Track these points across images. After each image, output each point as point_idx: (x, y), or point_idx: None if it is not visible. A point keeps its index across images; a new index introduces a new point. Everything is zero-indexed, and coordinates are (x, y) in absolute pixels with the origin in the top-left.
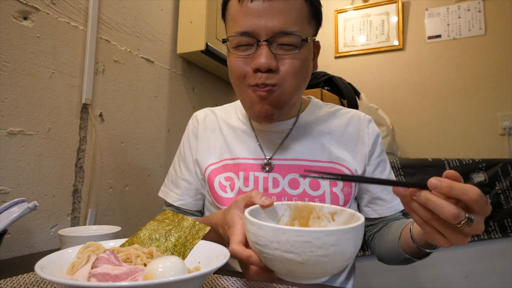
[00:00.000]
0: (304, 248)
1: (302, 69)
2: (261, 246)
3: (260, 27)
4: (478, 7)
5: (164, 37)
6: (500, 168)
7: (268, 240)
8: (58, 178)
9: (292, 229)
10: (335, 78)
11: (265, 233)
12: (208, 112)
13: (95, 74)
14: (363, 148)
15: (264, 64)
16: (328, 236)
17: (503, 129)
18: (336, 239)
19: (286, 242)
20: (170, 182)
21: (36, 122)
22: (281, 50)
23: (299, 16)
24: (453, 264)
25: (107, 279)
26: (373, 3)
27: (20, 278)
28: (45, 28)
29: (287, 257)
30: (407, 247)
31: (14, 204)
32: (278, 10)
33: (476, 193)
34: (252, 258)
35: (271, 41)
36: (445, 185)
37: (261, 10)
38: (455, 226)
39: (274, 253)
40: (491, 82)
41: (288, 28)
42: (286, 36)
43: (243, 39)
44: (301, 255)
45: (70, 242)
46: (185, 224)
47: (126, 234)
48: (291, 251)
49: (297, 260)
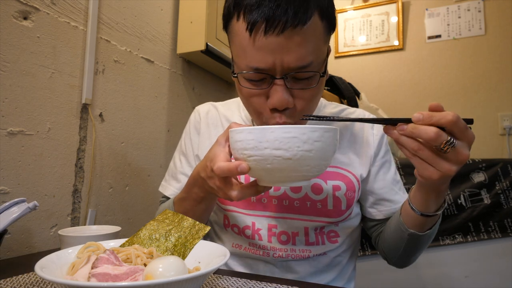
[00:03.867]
0: (291, 143)
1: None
2: (250, 149)
3: (276, 64)
4: (478, 7)
5: (164, 37)
6: (500, 168)
7: (258, 141)
8: (58, 178)
9: (279, 127)
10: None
11: (254, 135)
12: (211, 107)
13: (95, 74)
14: (368, 150)
15: (281, 104)
16: (312, 132)
17: (503, 129)
18: (319, 136)
19: (275, 139)
20: (169, 176)
21: (36, 122)
22: (297, 84)
23: (316, 42)
24: (453, 264)
25: (107, 279)
26: (373, 3)
27: (20, 278)
28: (45, 28)
29: (276, 154)
30: (408, 220)
31: (14, 204)
32: (295, 44)
33: (452, 115)
34: (241, 165)
35: (287, 76)
36: (427, 115)
37: (276, 45)
38: (441, 153)
39: (264, 152)
40: (491, 82)
41: (305, 62)
42: (302, 72)
43: (256, 75)
44: (288, 150)
45: (70, 242)
46: (185, 224)
47: (126, 234)
48: (279, 147)
49: (286, 156)
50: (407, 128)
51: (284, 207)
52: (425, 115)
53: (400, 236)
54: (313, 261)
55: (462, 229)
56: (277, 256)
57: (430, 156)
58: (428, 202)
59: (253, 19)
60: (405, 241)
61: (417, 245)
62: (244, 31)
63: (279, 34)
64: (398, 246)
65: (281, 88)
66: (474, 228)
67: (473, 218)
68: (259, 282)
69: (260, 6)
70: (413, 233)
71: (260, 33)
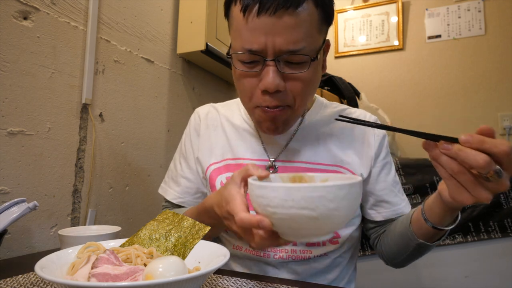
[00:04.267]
0: (318, 202)
1: (312, 83)
2: (274, 207)
3: (267, 45)
4: (478, 7)
5: (164, 37)
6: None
7: (283, 199)
8: (58, 178)
9: (305, 185)
10: (335, 78)
11: (278, 193)
12: (211, 108)
13: (95, 74)
14: (369, 150)
15: (271, 86)
16: (340, 189)
17: (503, 129)
18: (346, 193)
19: (301, 198)
20: (170, 179)
21: (36, 122)
22: (289, 68)
23: (309, 29)
24: (453, 264)
25: (107, 279)
26: (373, 3)
27: (20, 278)
28: (45, 28)
29: (302, 214)
30: (419, 230)
31: (14, 204)
32: (286, 26)
33: (507, 146)
34: (263, 222)
35: (279, 59)
36: (477, 139)
37: (268, 26)
38: (481, 180)
39: (289, 211)
40: (491, 82)
41: (297, 46)
42: (294, 55)
43: (249, 56)
44: (315, 209)
45: (70, 242)
46: (185, 224)
47: (126, 234)
48: (305, 207)
49: (312, 216)
50: (453, 148)
51: None
52: (476, 138)
53: (406, 243)
54: (314, 262)
55: (462, 229)
56: (278, 257)
57: (470, 182)
58: (445, 218)
59: (248, 1)
60: (411, 249)
61: (423, 253)
62: (239, 13)
63: (271, 15)
64: (402, 252)
65: (272, 70)
66: (474, 228)
67: (473, 218)
68: (259, 282)
69: None
70: (422, 243)
71: (253, 14)
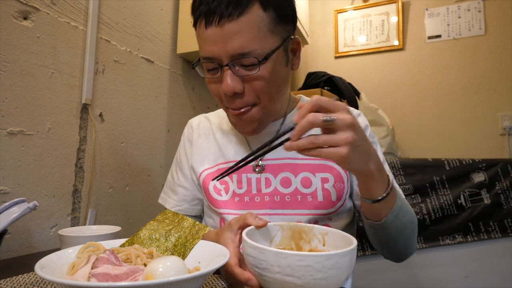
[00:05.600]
0: (304, 272)
1: (273, 81)
2: (262, 269)
3: (219, 52)
4: (478, 7)
5: (164, 37)
6: (500, 168)
7: (269, 264)
8: (58, 178)
9: (293, 253)
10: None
11: (266, 257)
12: (202, 118)
13: (95, 74)
14: None
15: (228, 90)
16: (327, 260)
17: (503, 129)
18: (334, 263)
19: (287, 266)
20: (168, 189)
21: (36, 122)
22: (244, 70)
23: (258, 32)
24: (453, 264)
25: (107, 279)
26: (373, 3)
27: (20, 278)
28: (45, 28)
29: (287, 281)
30: (365, 211)
31: (14, 204)
32: (232, 33)
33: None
34: (251, 281)
35: (233, 63)
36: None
37: (216, 36)
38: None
39: (275, 276)
40: (491, 82)
41: (245, 49)
42: (244, 58)
43: (209, 64)
44: (301, 278)
45: (70, 242)
46: (185, 224)
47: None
48: (291, 274)
49: (297, 284)
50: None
51: (276, 203)
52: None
53: (368, 229)
54: None
55: (462, 229)
56: None
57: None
58: (371, 189)
59: (196, 15)
60: (373, 232)
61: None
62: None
63: (217, 26)
64: (373, 239)
65: (227, 75)
66: (474, 228)
67: (473, 218)
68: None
69: (202, 3)
70: (372, 223)
71: (203, 27)
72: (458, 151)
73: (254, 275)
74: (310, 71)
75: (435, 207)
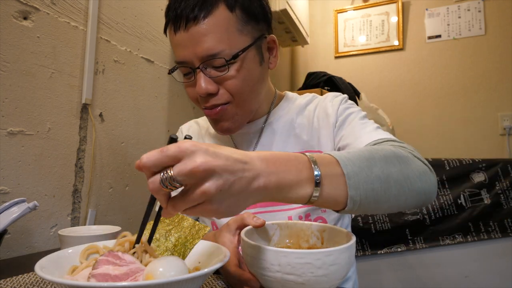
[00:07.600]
0: (305, 269)
1: (246, 80)
2: (262, 269)
3: (189, 56)
4: (478, 7)
5: (164, 37)
6: (500, 168)
7: (269, 263)
8: (58, 178)
9: (293, 251)
10: (335, 78)
11: (266, 256)
12: (192, 123)
13: (95, 74)
14: (330, 119)
15: (201, 91)
16: (327, 256)
17: (503, 129)
18: (334, 259)
19: (287, 264)
20: None
21: (36, 122)
22: (215, 71)
23: (225, 33)
24: (453, 264)
25: (107, 280)
26: (373, 3)
27: (20, 278)
28: (45, 28)
29: (288, 279)
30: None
31: (14, 204)
32: (200, 36)
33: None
34: (251, 281)
35: (204, 65)
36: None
37: (185, 40)
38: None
39: (275, 275)
40: (491, 82)
41: (214, 50)
42: (213, 60)
43: (184, 69)
44: (302, 276)
45: (70, 242)
46: (185, 224)
47: None
48: (292, 273)
49: (298, 281)
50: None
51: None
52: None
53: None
54: None
55: (462, 229)
56: None
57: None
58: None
59: (166, 22)
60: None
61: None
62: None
63: (184, 30)
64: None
65: (199, 77)
66: (474, 228)
67: (473, 218)
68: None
69: (170, 9)
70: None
71: (172, 33)
72: (458, 151)
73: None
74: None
75: (435, 207)
